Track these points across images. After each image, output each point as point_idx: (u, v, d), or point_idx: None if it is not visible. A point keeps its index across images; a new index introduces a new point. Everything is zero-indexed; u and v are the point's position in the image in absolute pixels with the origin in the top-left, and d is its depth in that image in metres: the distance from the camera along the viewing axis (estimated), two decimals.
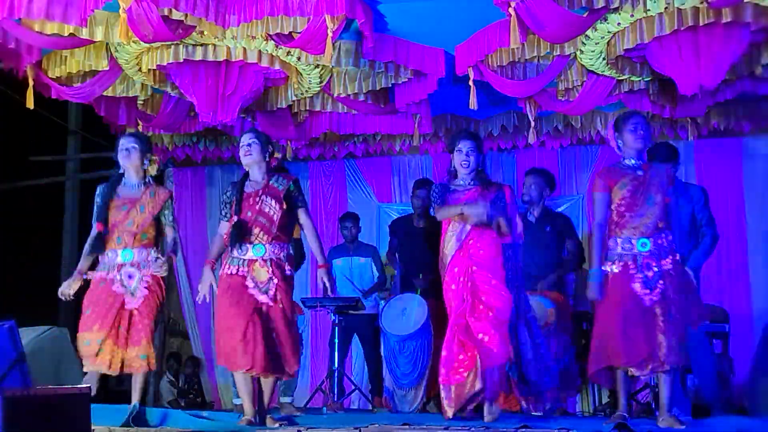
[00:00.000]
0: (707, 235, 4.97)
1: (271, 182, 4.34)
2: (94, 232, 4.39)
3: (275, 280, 4.19)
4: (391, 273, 6.91)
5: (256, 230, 4.22)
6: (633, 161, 4.26)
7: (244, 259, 4.20)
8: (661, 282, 4.09)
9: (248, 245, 4.20)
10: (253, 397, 4.22)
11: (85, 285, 4.41)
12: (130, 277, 4.34)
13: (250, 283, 4.17)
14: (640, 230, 4.15)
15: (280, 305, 4.19)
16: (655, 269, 4.10)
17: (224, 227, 4.32)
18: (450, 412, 4.33)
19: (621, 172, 4.25)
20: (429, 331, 5.59)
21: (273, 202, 4.27)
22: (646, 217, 4.16)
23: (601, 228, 4.23)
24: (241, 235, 4.19)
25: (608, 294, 4.14)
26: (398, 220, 6.49)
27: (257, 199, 4.26)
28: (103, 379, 4.44)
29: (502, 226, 4.31)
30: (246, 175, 4.41)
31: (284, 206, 4.28)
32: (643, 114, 4.54)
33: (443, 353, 4.43)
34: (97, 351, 4.24)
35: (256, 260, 4.20)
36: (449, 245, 4.47)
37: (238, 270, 4.19)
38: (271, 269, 4.20)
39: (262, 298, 4.16)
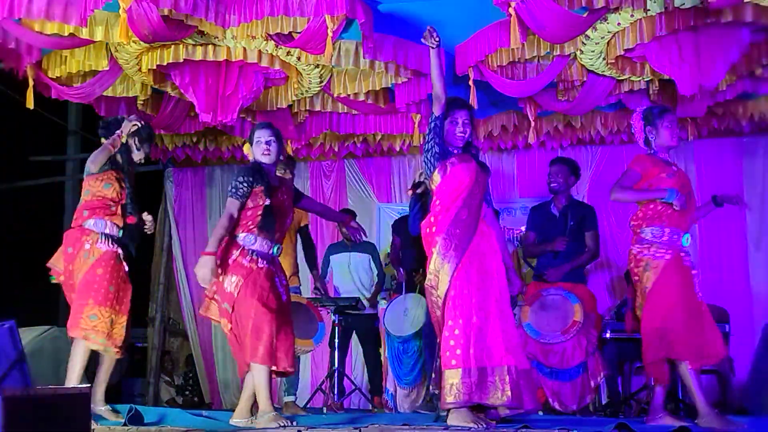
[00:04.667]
0: None
1: (283, 183, 4.27)
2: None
3: (285, 283, 4.21)
4: (390, 273, 6.91)
5: (281, 228, 4.16)
6: (667, 156, 4.33)
7: (268, 255, 4.07)
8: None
9: (270, 241, 4.07)
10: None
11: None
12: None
13: (277, 281, 4.10)
14: (683, 226, 4.20)
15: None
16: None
17: (236, 207, 4.00)
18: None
19: (662, 164, 4.27)
20: (431, 329, 5.59)
21: (291, 202, 4.26)
22: (688, 214, 4.23)
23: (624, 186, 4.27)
24: (273, 220, 4.05)
25: (665, 280, 4.13)
26: (401, 220, 6.49)
27: (283, 197, 4.16)
28: None
29: None
30: (261, 166, 4.13)
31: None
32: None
33: None
34: (106, 331, 4.34)
35: (275, 259, 4.14)
36: None
37: (267, 265, 4.04)
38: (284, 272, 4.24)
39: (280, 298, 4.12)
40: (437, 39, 3.98)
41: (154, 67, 5.35)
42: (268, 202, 4.03)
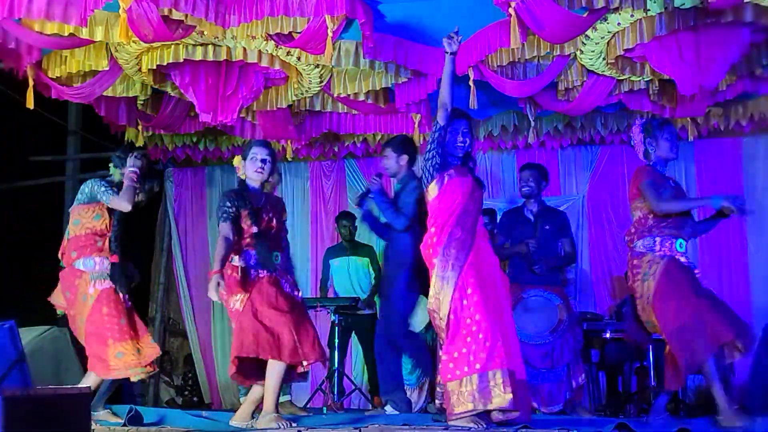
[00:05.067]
0: None
1: (270, 201, 4.28)
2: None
3: (291, 279, 4.23)
4: None
5: (274, 243, 4.19)
6: (665, 169, 4.33)
7: (269, 263, 4.10)
8: None
9: (268, 252, 4.11)
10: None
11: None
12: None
13: (283, 283, 4.12)
14: (677, 234, 4.19)
15: None
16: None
17: (228, 229, 4.04)
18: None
19: (660, 179, 4.27)
20: (432, 330, 5.60)
21: (279, 216, 4.28)
22: (684, 225, 4.23)
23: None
24: (268, 247, 4.10)
25: (666, 280, 4.10)
26: None
27: (268, 215, 4.18)
28: None
29: None
30: (245, 187, 4.21)
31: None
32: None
33: None
34: (138, 360, 4.40)
35: (277, 266, 4.15)
36: None
37: (269, 273, 4.09)
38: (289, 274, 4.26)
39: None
40: (458, 43, 3.97)
41: (154, 67, 5.34)
42: (255, 229, 4.08)
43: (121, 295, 4.49)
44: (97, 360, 4.38)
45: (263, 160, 4.16)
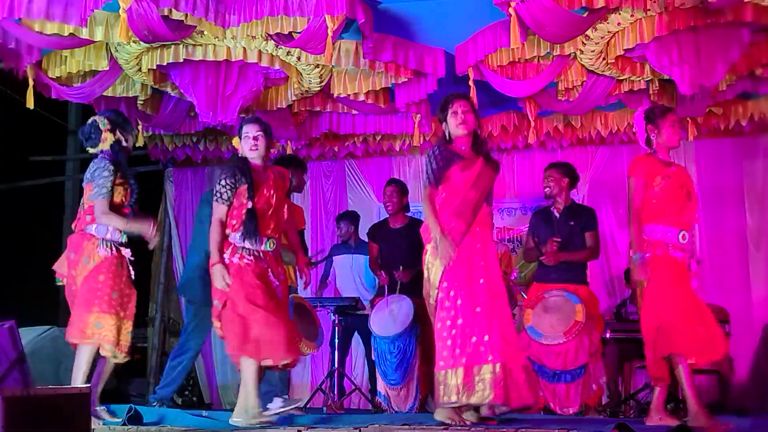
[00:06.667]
0: None
1: (274, 176, 4.30)
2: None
3: (282, 277, 4.23)
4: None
5: (272, 224, 4.19)
6: (667, 157, 4.33)
7: (259, 251, 4.12)
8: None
9: (263, 237, 4.12)
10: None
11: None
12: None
13: (271, 276, 4.13)
14: (681, 224, 4.19)
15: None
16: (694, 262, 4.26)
17: (222, 212, 4.11)
18: None
19: (660, 165, 4.27)
20: (416, 328, 5.62)
21: (281, 194, 4.30)
22: (687, 212, 4.23)
23: (639, 213, 4.24)
24: (256, 225, 4.09)
25: (657, 276, 4.12)
26: (375, 226, 6.42)
27: (270, 192, 4.21)
28: None
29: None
30: (247, 161, 4.25)
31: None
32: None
33: None
34: (114, 339, 4.31)
35: (269, 254, 4.16)
36: None
37: (255, 261, 4.09)
38: (281, 266, 4.25)
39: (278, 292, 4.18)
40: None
41: (154, 67, 5.35)
42: (250, 204, 4.08)
43: (127, 269, 4.45)
44: (76, 322, 4.32)
45: (255, 137, 4.22)
